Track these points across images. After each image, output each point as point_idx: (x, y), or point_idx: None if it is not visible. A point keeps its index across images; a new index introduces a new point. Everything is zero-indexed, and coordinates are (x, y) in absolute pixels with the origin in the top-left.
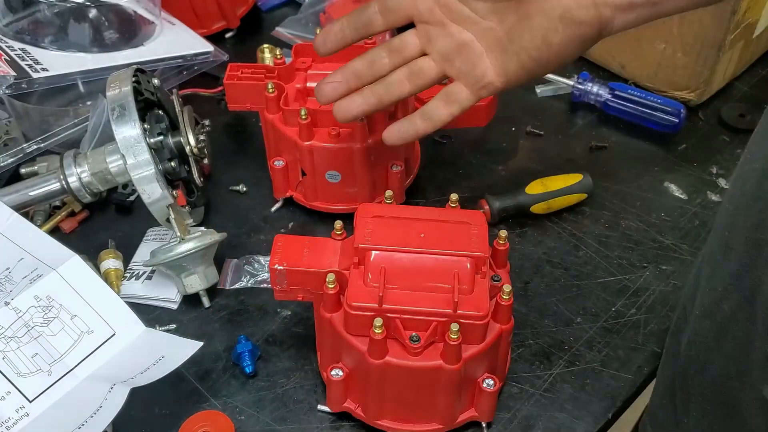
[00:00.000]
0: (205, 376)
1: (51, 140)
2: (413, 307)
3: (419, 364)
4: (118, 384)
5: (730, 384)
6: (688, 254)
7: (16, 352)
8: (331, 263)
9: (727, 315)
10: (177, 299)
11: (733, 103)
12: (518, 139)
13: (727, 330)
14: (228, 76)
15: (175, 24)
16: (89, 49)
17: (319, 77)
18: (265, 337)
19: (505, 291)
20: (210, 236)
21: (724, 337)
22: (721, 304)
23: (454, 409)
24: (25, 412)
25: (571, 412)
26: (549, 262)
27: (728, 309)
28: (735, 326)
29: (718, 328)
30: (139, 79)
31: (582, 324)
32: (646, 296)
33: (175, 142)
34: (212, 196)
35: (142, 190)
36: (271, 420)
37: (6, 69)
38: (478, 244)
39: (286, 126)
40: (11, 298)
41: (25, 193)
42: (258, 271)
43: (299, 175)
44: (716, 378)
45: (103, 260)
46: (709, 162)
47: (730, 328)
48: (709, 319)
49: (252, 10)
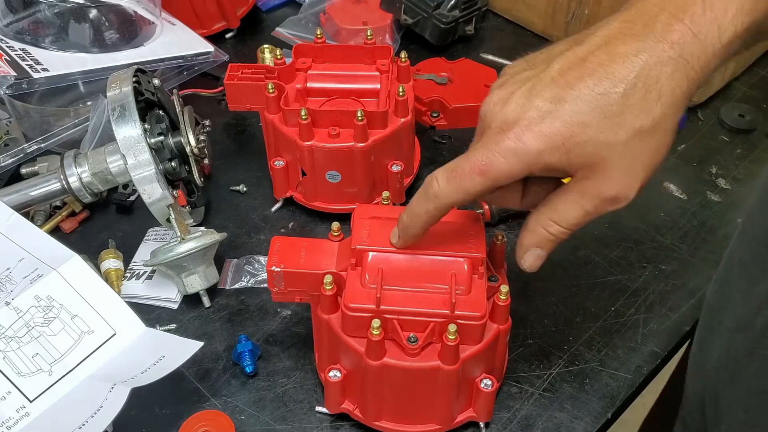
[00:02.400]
0: (206, 375)
1: (51, 140)
2: (411, 308)
3: (417, 365)
4: (118, 384)
5: (761, 398)
6: (688, 254)
7: (16, 351)
8: (328, 265)
9: (759, 329)
10: (177, 299)
11: (732, 103)
12: None
13: (760, 343)
14: (228, 77)
15: (175, 24)
16: (89, 49)
17: (319, 77)
18: (266, 337)
19: (503, 291)
20: (210, 236)
21: (756, 351)
22: (755, 319)
23: (452, 410)
24: (26, 412)
25: (570, 412)
26: (548, 262)
27: (761, 324)
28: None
29: (752, 341)
30: (140, 80)
31: (581, 324)
32: (646, 296)
33: (175, 142)
34: (212, 196)
35: (143, 190)
36: (271, 420)
37: (6, 69)
38: (475, 244)
39: (286, 126)
40: (12, 298)
41: (25, 193)
42: (258, 271)
43: (299, 175)
44: (748, 391)
45: (103, 260)
46: (709, 162)
47: (763, 342)
48: (743, 333)
49: (252, 11)
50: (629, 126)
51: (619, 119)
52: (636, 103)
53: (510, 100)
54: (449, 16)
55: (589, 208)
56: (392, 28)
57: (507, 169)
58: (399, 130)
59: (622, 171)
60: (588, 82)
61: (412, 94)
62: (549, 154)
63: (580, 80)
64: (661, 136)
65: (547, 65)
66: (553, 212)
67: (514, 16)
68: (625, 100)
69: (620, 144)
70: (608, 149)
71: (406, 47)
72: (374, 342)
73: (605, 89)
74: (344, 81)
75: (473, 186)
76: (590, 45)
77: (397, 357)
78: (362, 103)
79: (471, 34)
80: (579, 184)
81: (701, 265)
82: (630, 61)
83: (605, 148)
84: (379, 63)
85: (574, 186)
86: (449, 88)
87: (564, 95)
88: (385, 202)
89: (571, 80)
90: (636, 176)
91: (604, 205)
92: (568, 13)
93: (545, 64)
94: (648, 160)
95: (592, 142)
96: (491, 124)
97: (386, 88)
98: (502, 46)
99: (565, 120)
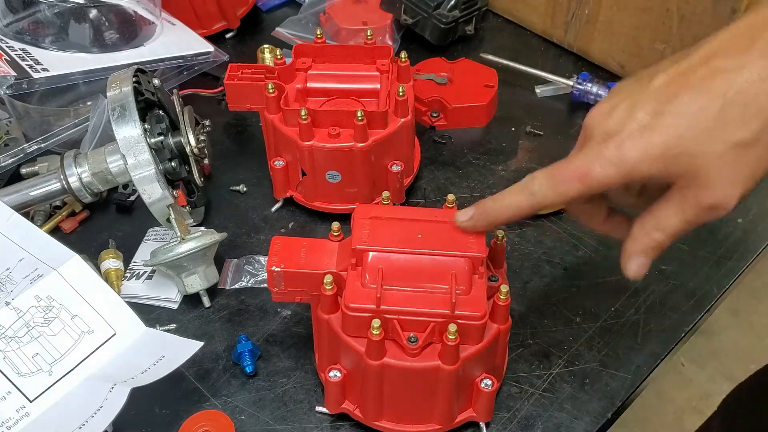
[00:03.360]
0: (206, 375)
1: (51, 140)
2: (411, 308)
3: (417, 365)
4: (118, 384)
5: None
6: (688, 254)
7: (16, 352)
8: (328, 265)
9: None
10: (177, 299)
11: None
12: (518, 139)
13: None
14: (228, 77)
15: (175, 24)
16: (90, 49)
17: (319, 77)
18: (266, 337)
19: (503, 291)
20: (210, 236)
21: None
22: None
23: (452, 410)
24: (26, 412)
25: (570, 412)
26: (548, 262)
27: None
28: None
29: None
30: (140, 80)
31: (581, 324)
32: (646, 296)
33: (175, 142)
34: (212, 196)
35: (143, 190)
36: (271, 420)
37: (6, 69)
38: (475, 244)
39: (286, 126)
40: (12, 298)
41: (25, 193)
42: (258, 271)
43: (299, 175)
44: None
45: (103, 260)
46: None
47: None
48: None
49: (252, 11)
50: (726, 139)
51: (715, 132)
52: (734, 118)
53: (613, 112)
54: (449, 16)
55: (690, 216)
56: (392, 28)
57: (604, 176)
58: (399, 130)
59: (721, 181)
60: (688, 96)
61: (412, 94)
62: (647, 165)
63: (680, 95)
64: (762, 150)
65: (651, 80)
66: (655, 220)
67: (514, 16)
68: (722, 115)
69: (717, 156)
70: (705, 160)
71: (406, 47)
72: (374, 342)
73: (703, 104)
74: (344, 81)
75: (570, 190)
76: (694, 59)
77: (397, 357)
78: (362, 103)
79: (471, 34)
80: (680, 193)
81: (701, 265)
82: (730, 77)
83: (703, 160)
84: (379, 63)
85: (676, 194)
86: (449, 88)
87: (664, 109)
88: (385, 202)
89: (672, 94)
90: (735, 187)
91: (704, 213)
92: (568, 13)
93: (650, 78)
94: (748, 172)
95: (688, 154)
96: (593, 134)
97: (386, 88)
98: (502, 46)
99: (663, 132)
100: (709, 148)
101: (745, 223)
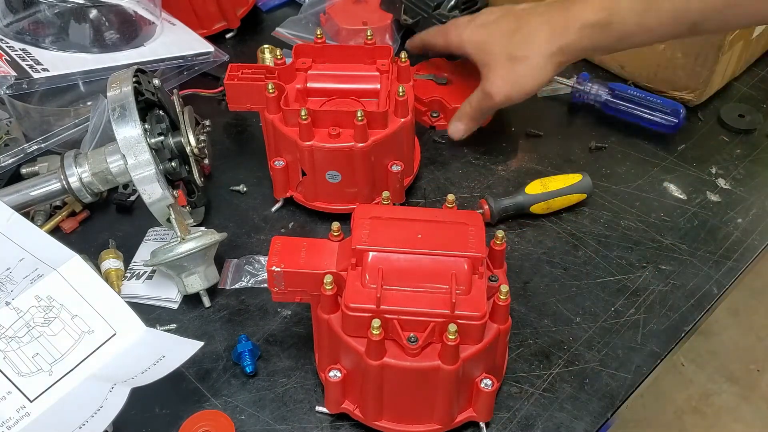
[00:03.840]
0: (206, 375)
1: (52, 140)
2: (411, 308)
3: (417, 365)
4: (118, 384)
5: None
6: (688, 254)
7: (17, 351)
8: (328, 265)
9: None
10: (177, 299)
11: (732, 103)
12: (518, 139)
13: None
14: (228, 77)
15: (175, 24)
16: (90, 49)
17: (319, 77)
18: (266, 337)
19: (503, 291)
20: (210, 236)
21: None
22: None
23: (452, 410)
24: (26, 411)
25: (570, 412)
26: (548, 262)
27: None
28: None
29: None
30: (140, 80)
31: (581, 324)
32: (645, 296)
33: (175, 142)
34: (212, 196)
35: (143, 190)
36: (272, 419)
37: (7, 69)
38: (475, 244)
39: (286, 126)
40: (12, 298)
41: (25, 193)
42: (258, 271)
43: (299, 175)
44: None
45: (103, 260)
46: (709, 162)
47: None
48: None
49: (252, 11)
50: (510, 51)
51: (508, 45)
52: (519, 40)
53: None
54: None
55: (480, 96)
56: (392, 28)
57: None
58: (399, 130)
59: (495, 77)
60: (509, 19)
61: (412, 94)
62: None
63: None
64: (528, 68)
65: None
66: (468, 98)
67: None
68: (514, 36)
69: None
70: (492, 59)
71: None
72: (374, 342)
73: (512, 27)
74: (344, 81)
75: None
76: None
77: (397, 357)
78: (362, 103)
79: None
80: (481, 81)
81: (701, 265)
82: (531, 17)
83: (491, 58)
84: (379, 63)
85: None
86: (449, 88)
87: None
88: (385, 202)
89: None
90: (506, 85)
91: (484, 97)
92: None
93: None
94: (515, 79)
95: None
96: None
97: (386, 89)
98: None
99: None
100: (497, 52)
101: (745, 223)
